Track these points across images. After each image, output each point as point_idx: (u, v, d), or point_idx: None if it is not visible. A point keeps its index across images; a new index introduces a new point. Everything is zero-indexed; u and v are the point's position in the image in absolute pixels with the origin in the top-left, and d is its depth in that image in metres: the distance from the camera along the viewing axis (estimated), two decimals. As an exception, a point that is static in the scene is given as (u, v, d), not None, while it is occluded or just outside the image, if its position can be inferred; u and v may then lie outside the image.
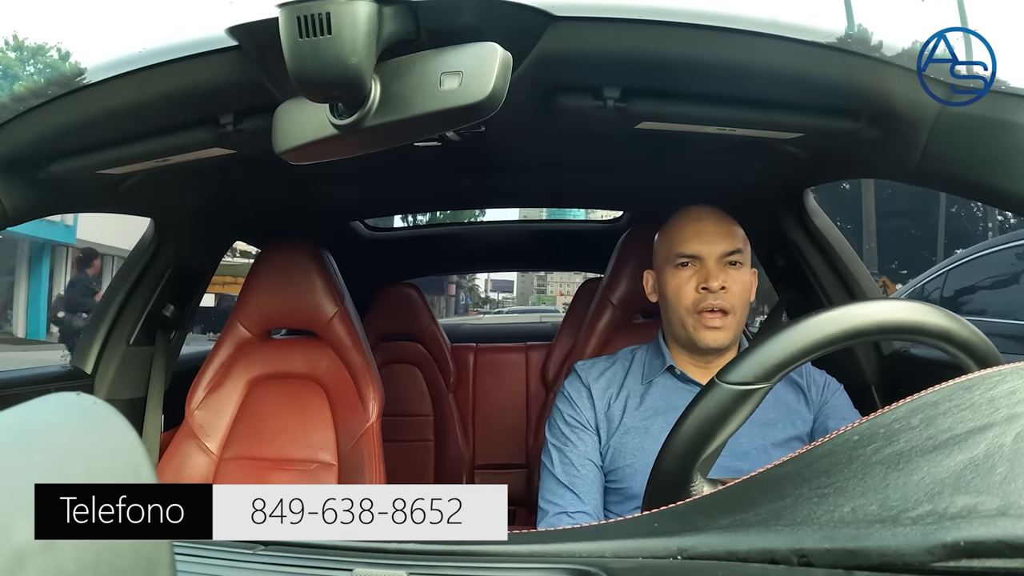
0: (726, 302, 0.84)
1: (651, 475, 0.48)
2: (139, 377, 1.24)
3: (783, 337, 0.46)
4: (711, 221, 0.89)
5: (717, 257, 0.86)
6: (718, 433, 0.46)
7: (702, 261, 0.86)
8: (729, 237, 0.87)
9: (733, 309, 0.84)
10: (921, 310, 0.47)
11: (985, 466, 0.29)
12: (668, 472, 0.47)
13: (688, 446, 0.46)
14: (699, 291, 0.85)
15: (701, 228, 0.88)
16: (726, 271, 0.86)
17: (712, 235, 0.87)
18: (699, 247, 0.86)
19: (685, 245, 0.87)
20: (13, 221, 0.85)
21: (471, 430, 1.81)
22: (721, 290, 0.84)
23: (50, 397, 0.20)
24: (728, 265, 0.86)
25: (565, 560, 0.34)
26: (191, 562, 0.36)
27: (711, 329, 0.84)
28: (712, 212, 0.91)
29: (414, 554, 0.36)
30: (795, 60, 0.62)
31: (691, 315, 0.85)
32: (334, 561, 0.37)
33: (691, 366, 0.89)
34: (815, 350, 0.45)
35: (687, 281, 0.86)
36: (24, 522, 0.15)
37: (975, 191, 0.68)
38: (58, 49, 14.38)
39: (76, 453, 0.18)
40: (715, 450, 0.46)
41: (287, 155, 0.61)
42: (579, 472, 0.84)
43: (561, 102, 0.73)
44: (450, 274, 6.84)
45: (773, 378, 0.45)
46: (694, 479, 0.46)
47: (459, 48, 0.52)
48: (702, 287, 0.85)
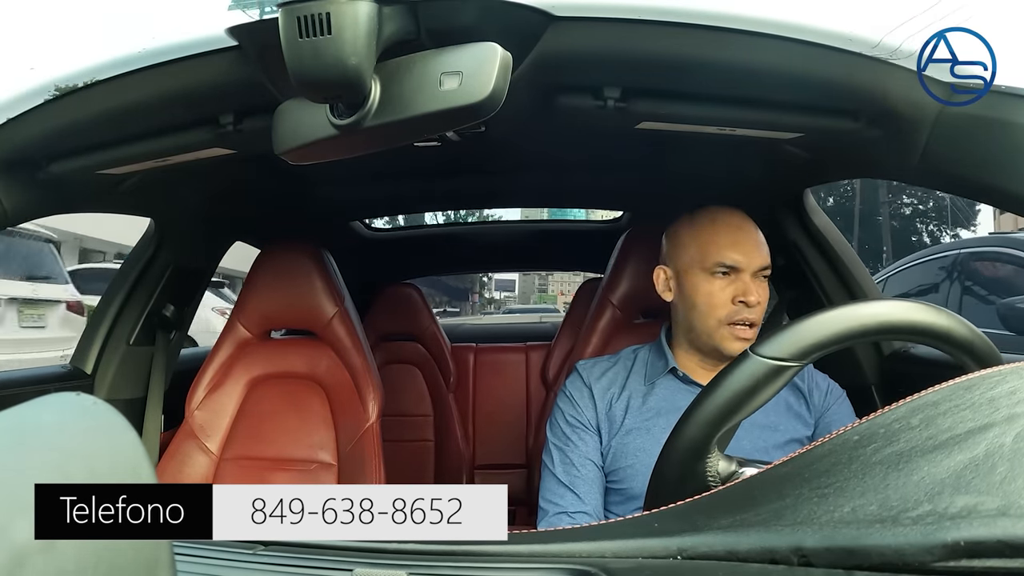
0: (757, 316, 0.84)
1: (669, 440, 0.48)
2: (139, 377, 1.24)
3: (821, 319, 0.46)
4: (750, 232, 0.87)
5: (755, 270, 0.85)
6: (745, 405, 0.45)
7: (740, 273, 0.84)
8: (764, 249, 0.87)
9: (758, 322, 0.85)
10: (942, 315, 0.47)
11: (985, 466, 0.29)
12: (689, 440, 0.46)
13: (714, 415, 0.46)
14: (736, 303, 0.83)
15: (741, 238, 0.86)
16: (760, 284, 0.85)
17: (752, 247, 0.85)
18: (739, 258, 0.84)
19: (724, 254, 0.85)
20: (13, 221, 0.85)
21: (471, 430, 1.81)
22: (756, 304, 0.83)
23: (50, 397, 0.20)
24: (761, 279, 0.86)
25: (565, 560, 0.34)
26: (191, 562, 0.36)
27: (740, 340, 0.83)
28: (749, 221, 0.89)
29: (414, 554, 0.36)
30: (795, 60, 0.62)
31: (723, 326, 0.84)
32: (334, 561, 0.37)
33: (696, 368, 0.88)
34: (850, 338, 0.46)
35: (722, 290, 0.84)
36: (24, 522, 0.15)
37: (975, 191, 0.68)
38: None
39: (76, 453, 0.18)
40: (736, 424, 0.46)
41: (287, 155, 0.61)
42: (580, 472, 0.84)
43: (561, 102, 0.73)
44: (450, 274, 6.83)
45: (807, 358, 0.45)
46: (712, 450, 0.46)
47: (459, 48, 0.52)
48: (739, 300, 0.83)
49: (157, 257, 1.23)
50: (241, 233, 1.50)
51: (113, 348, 1.21)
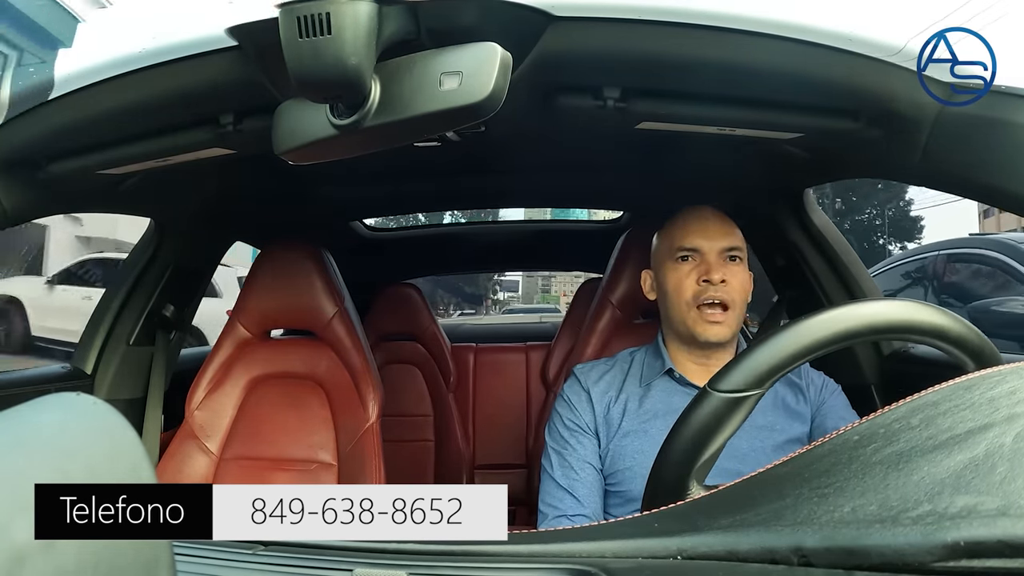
0: (727, 295, 0.84)
1: (648, 482, 0.48)
2: (139, 377, 1.24)
3: (773, 343, 0.46)
4: (712, 217, 0.90)
5: (718, 251, 0.87)
6: (712, 441, 0.46)
7: (703, 255, 0.87)
8: (730, 234, 0.88)
9: (733, 303, 0.85)
10: (911, 308, 0.47)
11: (985, 466, 0.29)
12: (664, 480, 0.47)
13: (683, 455, 0.46)
14: (700, 283, 0.85)
15: (703, 223, 0.89)
16: (727, 265, 0.86)
17: (714, 230, 0.88)
18: (700, 241, 0.87)
19: (687, 239, 0.88)
20: (13, 221, 0.85)
21: (471, 430, 1.81)
22: (722, 283, 0.84)
23: (50, 397, 0.20)
24: (728, 260, 0.87)
25: (565, 560, 0.34)
26: (191, 562, 0.36)
27: (712, 324, 0.84)
28: (713, 210, 0.92)
29: (414, 554, 0.36)
30: (795, 60, 0.62)
31: (692, 308, 0.85)
32: (334, 561, 0.37)
33: (691, 365, 0.89)
34: (805, 355, 0.46)
35: (688, 275, 0.87)
36: (24, 522, 0.15)
37: (975, 191, 0.68)
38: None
39: (76, 453, 0.18)
40: (711, 457, 0.46)
41: (287, 155, 0.61)
42: (578, 475, 0.84)
43: (561, 102, 0.73)
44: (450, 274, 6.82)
45: (765, 384, 0.46)
46: (690, 486, 0.46)
47: (459, 48, 0.52)
48: (703, 279, 0.85)
49: (157, 257, 1.23)
50: (241, 233, 1.50)
51: (113, 348, 1.21)
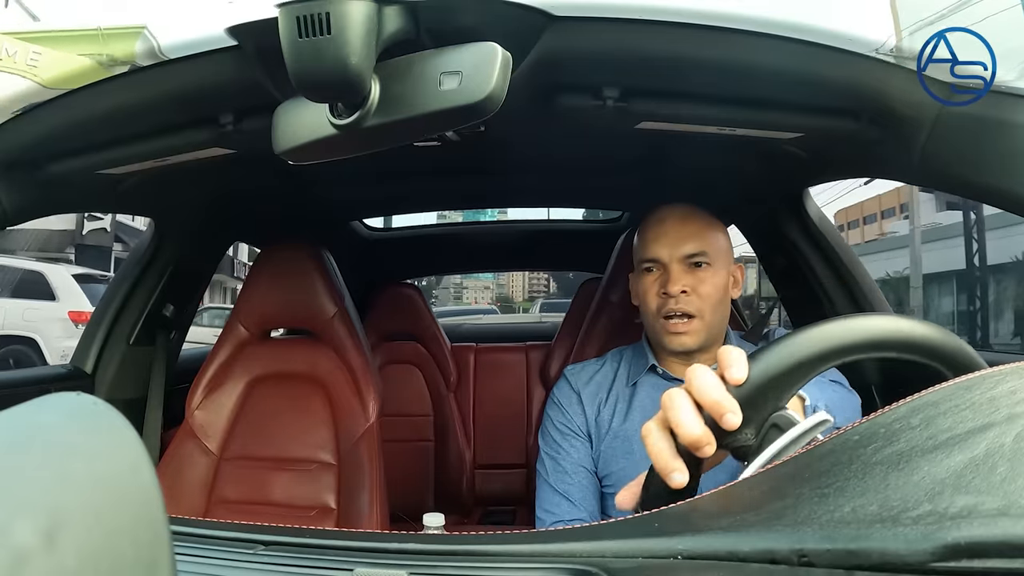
0: (689, 306, 0.82)
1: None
2: (139, 377, 1.25)
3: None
4: (673, 222, 0.86)
5: (678, 260, 0.83)
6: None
7: (664, 265, 0.84)
8: (692, 238, 0.84)
9: (700, 312, 0.82)
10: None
11: (985, 466, 0.29)
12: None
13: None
14: (660, 296, 0.83)
15: (662, 230, 0.85)
16: (690, 273, 0.83)
17: (673, 237, 0.84)
18: (659, 250, 0.84)
19: (646, 249, 0.86)
20: (13, 221, 0.85)
21: (471, 430, 1.81)
22: (682, 294, 0.81)
23: (50, 397, 0.20)
24: (693, 267, 0.83)
25: (565, 560, 0.34)
26: (191, 562, 0.36)
27: (675, 335, 0.82)
28: (676, 212, 0.87)
29: (414, 554, 0.36)
30: (795, 60, 0.62)
31: (658, 319, 0.83)
32: (334, 561, 0.37)
33: (674, 363, 0.88)
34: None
35: (651, 286, 0.85)
36: (24, 522, 0.15)
37: (975, 191, 0.68)
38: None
39: (76, 453, 0.18)
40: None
41: (287, 155, 0.61)
42: (573, 479, 0.84)
43: (561, 102, 0.73)
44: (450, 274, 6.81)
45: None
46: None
47: (459, 48, 0.52)
48: (663, 292, 0.83)
49: (157, 257, 1.23)
50: (241, 233, 1.50)
51: (113, 348, 1.21)
